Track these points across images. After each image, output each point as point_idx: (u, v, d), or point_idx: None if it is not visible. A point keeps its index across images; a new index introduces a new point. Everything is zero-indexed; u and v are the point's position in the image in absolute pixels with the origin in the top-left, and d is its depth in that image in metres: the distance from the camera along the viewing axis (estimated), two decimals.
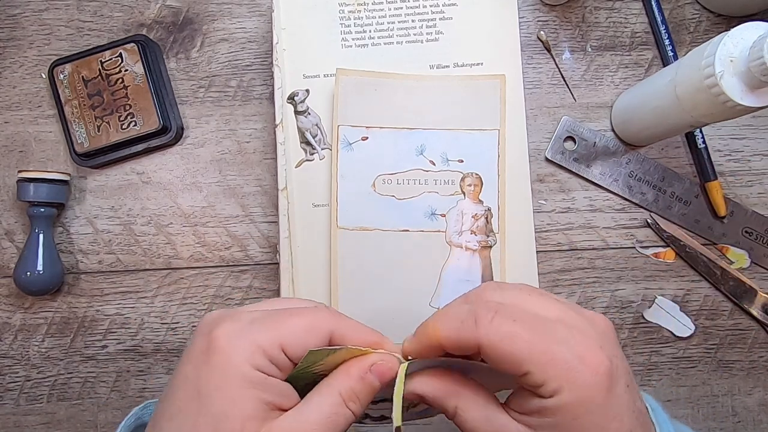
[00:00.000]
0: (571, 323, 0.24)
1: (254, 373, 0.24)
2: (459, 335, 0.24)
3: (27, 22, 0.45)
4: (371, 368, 0.26)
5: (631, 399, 0.24)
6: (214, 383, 0.24)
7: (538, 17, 0.45)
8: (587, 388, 0.23)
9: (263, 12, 0.45)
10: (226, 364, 0.24)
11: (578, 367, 0.23)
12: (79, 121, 0.43)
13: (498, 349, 0.23)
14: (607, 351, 0.24)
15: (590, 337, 0.24)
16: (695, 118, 0.35)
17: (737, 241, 0.43)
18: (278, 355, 0.25)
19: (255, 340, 0.24)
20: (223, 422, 0.24)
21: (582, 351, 0.23)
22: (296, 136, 0.42)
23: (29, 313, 0.44)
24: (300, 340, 0.25)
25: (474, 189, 0.41)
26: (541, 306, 0.25)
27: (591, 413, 0.23)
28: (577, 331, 0.24)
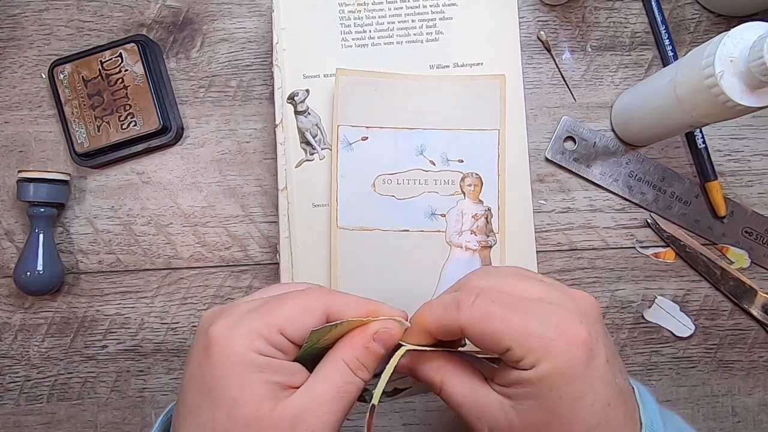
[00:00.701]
0: (552, 300, 0.26)
1: (258, 358, 0.25)
2: (443, 321, 0.26)
3: (27, 22, 0.45)
4: (374, 336, 0.27)
5: (611, 373, 0.25)
6: (219, 375, 0.25)
7: (538, 17, 0.45)
8: (564, 359, 0.24)
9: (263, 12, 0.45)
10: (228, 355, 0.25)
11: (555, 339, 0.24)
12: (79, 121, 0.43)
13: (477, 329, 0.25)
14: (586, 325, 0.24)
15: (570, 312, 0.25)
16: (695, 118, 0.35)
17: (737, 241, 0.43)
18: (278, 339, 0.25)
19: (252, 328, 0.25)
20: (236, 409, 0.24)
21: (559, 324, 0.24)
22: (296, 136, 0.42)
23: (29, 313, 0.44)
24: (297, 322, 0.26)
25: (474, 189, 0.41)
26: (523, 287, 0.26)
27: (567, 384, 0.24)
28: (556, 307, 0.25)
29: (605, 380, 0.24)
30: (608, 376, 0.24)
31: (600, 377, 0.24)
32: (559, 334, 0.24)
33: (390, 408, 0.43)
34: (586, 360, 0.24)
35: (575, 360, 0.24)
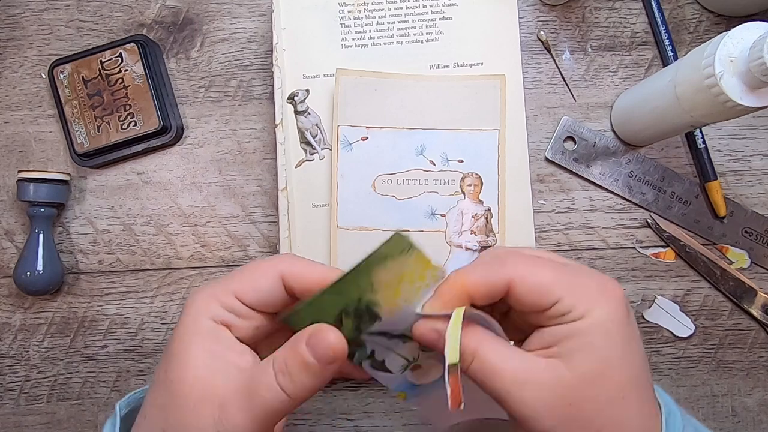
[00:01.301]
0: (582, 267, 0.26)
1: (206, 322, 0.26)
2: (488, 277, 0.25)
3: (27, 22, 0.45)
4: (307, 341, 0.24)
5: (638, 329, 0.26)
6: (175, 333, 0.26)
7: (538, 17, 0.45)
8: (614, 307, 0.24)
9: (263, 12, 0.45)
10: (185, 317, 0.26)
11: (601, 291, 0.25)
12: (79, 121, 0.43)
13: (528, 280, 0.24)
14: (613, 279, 0.26)
15: (600, 274, 0.26)
16: (695, 118, 0.35)
17: (737, 241, 0.43)
18: (233, 303, 0.26)
19: (210, 293, 0.26)
20: (171, 365, 0.25)
21: (599, 279, 0.25)
22: (296, 136, 0.42)
23: (29, 313, 0.44)
24: (250, 286, 0.26)
25: (474, 189, 0.41)
26: (551, 256, 0.27)
27: (617, 329, 0.24)
28: (590, 270, 0.26)
29: (638, 333, 0.25)
30: (638, 330, 0.26)
31: (636, 329, 0.25)
32: (602, 285, 0.25)
33: (390, 408, 0.43)
34: (624, 310, 0.25)
35: (621, 310, 0.24)
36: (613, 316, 0.24)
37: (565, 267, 0.25)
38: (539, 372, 0.24)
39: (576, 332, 0.24)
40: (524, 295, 0.24)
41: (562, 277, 0.25)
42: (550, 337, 0.25)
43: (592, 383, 0.24)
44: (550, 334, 0.25)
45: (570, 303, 0.24)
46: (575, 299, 0.24)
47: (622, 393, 0.24)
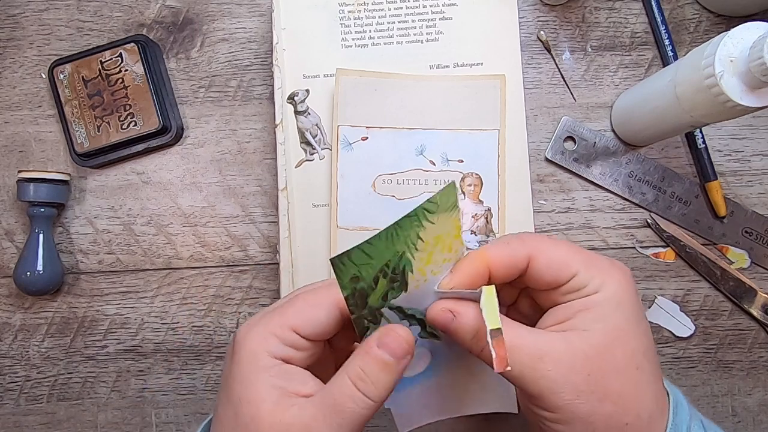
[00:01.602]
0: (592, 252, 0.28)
1: (267, 360, 0.25)
2: (510, 252, 0.26)
3: (27, 22, 0.45)
4: (378, 342, 0.25)
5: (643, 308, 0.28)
6: (234, 373, 0.26)
7: (538, 17, 0.45)
8: (625, 282, 0.26)
9: (263, 12, 0.45)
10: (243, 355, 0.25)
11: (613, 267, 0.26)
12: (79, 121, 0.43)
13: (547, 255, 0.26)
14: None
15: (607, 257, 0.27)
16: (695, 118, 0.35)
17: (737, 241, 0.43)
18: (292, 337, 0.26)
19: (266, 328, 0.26)
20: (240, 407, 0.25)
21: (609, 259, 0.27)
22: (296, 136, 0.42)
23: (29, 313, 0.44)
24: (308, 318, 0.26)
25: (474, 189, 0.41)
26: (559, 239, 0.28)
27: (631, 302, 0.26)
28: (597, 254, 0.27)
29: (644, 312, 0.27)
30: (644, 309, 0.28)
31: (642, 307, 0.27)
32: (612, 264, 0.26)
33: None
34: (634, 287, 0.26)
35: (630, 285, 0.26)
36: (624, 289, 0.25)
37: (576, 247, 0.27)
38: (556, 345, 0.24)
39: (590, 305, 0.25)
40: (544, 269, 0.26)
41: (578, 254, 0.26)
42: (565, 312, 0.26)
43: (608, 352, 0.24)
44: (564, 310, 0.26)
45: (586, 277, 0.25)
46: (591, 273, 0.25)
47: (636, 362, 0.25)
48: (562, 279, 0.26)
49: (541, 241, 0.26)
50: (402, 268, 0.25)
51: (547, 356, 0.24)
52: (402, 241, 0.24)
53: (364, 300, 0.25)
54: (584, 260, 0.26)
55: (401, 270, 0.25)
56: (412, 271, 0.25)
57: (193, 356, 0.44)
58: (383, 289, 0.25)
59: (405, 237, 0.24)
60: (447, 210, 0.24)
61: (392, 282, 0.25)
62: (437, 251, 0.25)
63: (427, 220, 0.24)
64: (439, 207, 0.24)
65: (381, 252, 0.24)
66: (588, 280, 0.25)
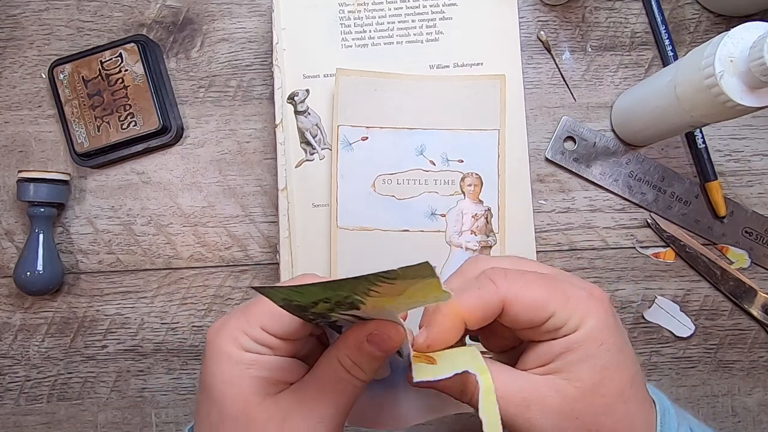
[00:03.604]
0: (564, 275, 0.27)
1: (243, 354, 0.26)
2: (482, 301, 0.25)
3: (27, 22, 0.45)
4: (368, 338, 0.25)
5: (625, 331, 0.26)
6: (212, 372, 0.26)
7: (538, 17, 0.45)
8: (603, 314, 0.25)
9: (263, 12, 0.45)
10: (217, 354, 0.26)
11: (591, 299, 0.25)
12: (79, 121, 0.43)
13: (523, 298, 0.24)
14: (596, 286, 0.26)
15: (582, 280, 0.26)
16: (695, 118, 0.35)
17: (737, 241, 0.43)
18: (260, 335, 0.26)
19: (236, 326, 0.26)
20: (225, 405, 0.25)
21: (585, 286, 0.26)
22: (296, 136, 0.42)
23: (29, 313, 0.44)
24: (273, 316, 0.26)
25: (474, 189, 0.41)
26: (534, 267, 0.27)
27: (611, 336, 0.24)
28: (568, 276, 0.27)
29: (626, 335, 0.26)
30: (626, 332, 0.26)
31: (624, 332, 0.26)
32: (589, 294, 0.25)
33: None
34: (613, 314, 0.25)
35: (609, 313, 0.25)
36: (604, 324, 0.24)
37: (553, 280, 0.25)
38: (542, 391, 0.24)
39: (572, 345, 0.24)
40: (519, 313, 0.25)
41: (555, 292, 0.25)
42: (547, 353, 0.25)
43: (594, 393, 0.24)
44: (546, 351, 0.25)
45: (564, 316, 0.24)
46: (568, 312, 0.24)
47: (623, 396, 0.24)
48: (538, 321, 0.24)
49: (514, 283, 0.25)
50: (350, 301, 0.24)
51: (534, 404, 0.24)
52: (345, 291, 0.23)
53: (307, 310, 0.24)
54: (560, 298, 0.24)
55: (348, 302, 0.24)
56: (365, 305, 0.24)
57: (193, 356, 0.44)
58: (327, 306, 0.24)
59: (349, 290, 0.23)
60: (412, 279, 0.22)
61: (337, 304, 0.24)
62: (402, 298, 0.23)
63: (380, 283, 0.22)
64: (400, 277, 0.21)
65: (315, 294, 0.23)
66: (566, 318, 0.24)
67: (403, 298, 0.23)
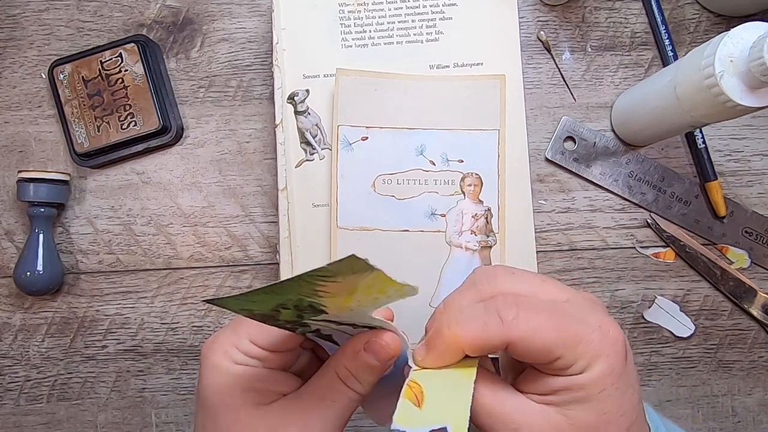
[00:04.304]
0: (579, 302, 0.25)
1: (234, 367, 0.26)
2: (485, 337, 0.24)
3: (27, 22, 0.45)
4: (365, 346, 0.26)
5: (635, 370, 0.25)
6: (205, 385, 0.27)
7: (538, 17, 0.45)
8: (612, 359, 0.23)
9: (263, 12, 0.45)
10: (210, 367, 0.27)
11: (602, 341, 0.23)
12: (79, 121, 0.43)
13: (530, 342, 0.23)
14: (614, 322, 0.25)
15: (598, 311, 0.25)
16: (695, 118, 0.35)
17: (737, 241, 0.43)
18: (249, 347, 0.26)
19: (226, 339, 0.27)
20: (218, 415, 0.26)
21: (601, 325, 0.24)
22: (296, 136, 0.42)
23: (29, 313, 0.44)
24: (262, 329, 0.26)
25: (474, 189, 0.41)
26: (550, 291, 0.25)
27: (615, 382, 0.23)
28: (587, 308, 0.25)
29: (635, 376, 0.25)
30: (635, 372, 0.25)
31: (634, 373, 0.25)
32: (603, 335, 0.24)
33: None
34: (624, 358, 0.24)
35: (620, 357, 0.24)
36: (612, 370, 0.23)
37: (567, 319, 0.24)
38: (535, 418, 0.24)
39: (576, 386, 0.23)
40: (524, 354, 0.24)
41: (566, 336, 0.23)
42: (548, 385, 0.24)
43: None
44: (547, 383, 0.24)
45: (571, 359, 0.23)
46: (576, 355, 0.23)
47: None
48: (543, 362, 0.24)
49: (524, 323, 0.23)
50: (308, 304, 0.23)
51: (523, 428, 0.23)
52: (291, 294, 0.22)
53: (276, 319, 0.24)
54: (571, 342, 0.23)
55: (306, 305, 0.23)
56: (325, 306, 0.23)
57: (193, 356, 0.44)
58: (292, 313, 0.24)
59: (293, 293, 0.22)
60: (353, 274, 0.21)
61: (300, 310, 0.23)
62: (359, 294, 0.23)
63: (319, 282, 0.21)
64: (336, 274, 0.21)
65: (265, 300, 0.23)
66: (573, 361, 0.23)
67: (360, 296, 0.23)
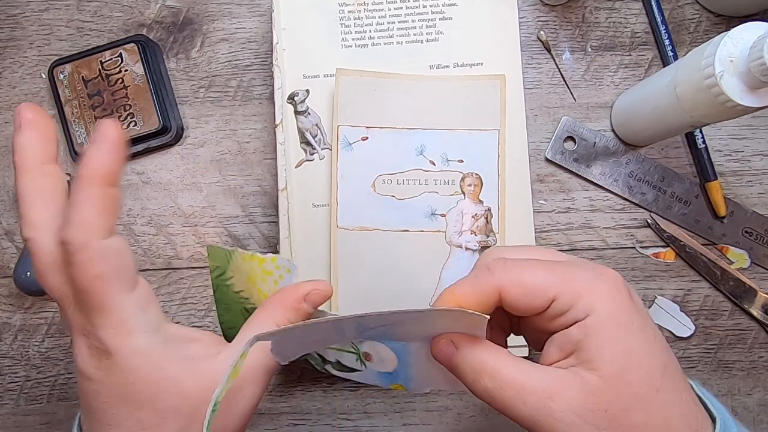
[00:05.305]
0: (575, 260, 0.25)
1: None
2: (477, 287, 0.24)
3: (27, 22, 0.45)
4: (306, 297, 0.27)
5: (648, 313, 0.24)
6: None
7: (538, 17, 0.45)
8: (618, 295, 0.23)
9: (263, 12, 0.45)
10: None
11: (600, 279, 0.23)
12: (79, 121, 0.43)
13: (517, 285, 0.23)
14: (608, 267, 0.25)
15: (595, 263, 0.25)
16: (695, 118, 0.35)
17: (737, 241, 0.43)
18: None
19: None
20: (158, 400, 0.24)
21: (595, 267, 0.24)
22: (296, 136, 0.42)
23: (29, 313, 0.44)
24: None
25: (474, 189, 0.41)
26: (546, 254, 0.26)
27: (631, 315, 0.23)
28: (582, 261, 0.25)
29: (650, 318, 0.24)
30: (648, 315, 0.24)
31: (645, 313, 0.24)
32: (597, 274, 0.23)
33: (390, 408, 0.43)
34: (628, 293, 0.23)
35: (623, 293, 0.23)
36: (619, 305, 0.23)
37: (556, 264, 0.24)
38: (564, 382, 0.22)
39: (589, 331, 0.22)
40: (516, 300, 0.24)
41: (553, 275, 0.23)
42: (566, 342, 0.23)
43: (622, 381, 0.22)
44: (564, 340, 0.23)
45: (568, 299, 0.23)
46: (573, 295, 0.23)
47: (655, 385, 0.22)
48: (540, 306, 0.23)
49: (510, 269, 0.24)
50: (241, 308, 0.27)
51: (557, 395, 0.22)
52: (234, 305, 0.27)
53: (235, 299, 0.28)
54: (562, 281, 0.23)
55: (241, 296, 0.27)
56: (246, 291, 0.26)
57: None
58: None
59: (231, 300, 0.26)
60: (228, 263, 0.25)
61: None
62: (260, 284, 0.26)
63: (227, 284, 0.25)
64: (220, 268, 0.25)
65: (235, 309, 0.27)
66: (571, 302, 0.23)
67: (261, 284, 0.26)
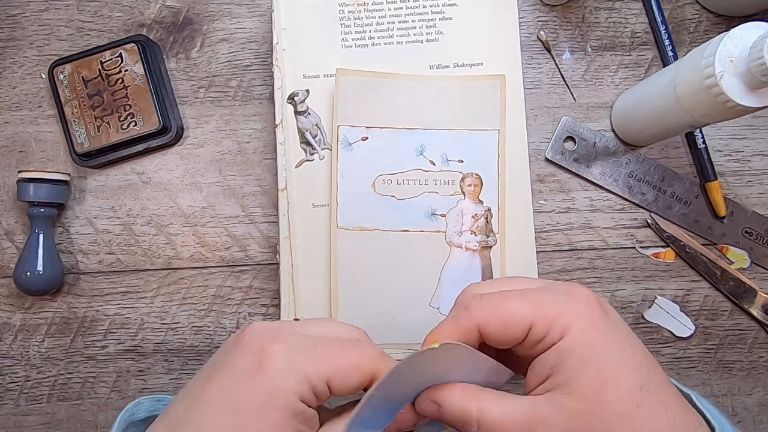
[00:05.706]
0: (548, 284, 0.26)
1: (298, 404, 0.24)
2: (457, 327, 0.25)
3: (27, 22, 0.45)
4: None
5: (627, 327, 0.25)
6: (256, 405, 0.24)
7: (538, 17, 0.45)
8: (588, 314, 0.23)
9: (263, 12, 0.45)
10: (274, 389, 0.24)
11: (571, 301, 0.24)
12: (79, 121, 0.43)
13: (495, 318, 0.24)
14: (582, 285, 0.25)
15: (566, 284, 0.26)
16: (695, 118, 0.35)
17: (737, 241, 0.43)
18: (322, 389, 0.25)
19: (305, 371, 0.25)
20: (249, 425, 0.24)
21: (567, 289, 0.25)
22: (296, 136, 0.42)
23: (29, 313, 0.44)
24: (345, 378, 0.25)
25: (474, 189, 0.41)
26: (521, 284, 0.26)
27: (604, 334, 0.23)
28: (555, 284, 0.26)
29: (630, 332, 0.24)
30: (626, 325, 0.24)
31: (624, 327, 0.24)
32: (569, 295, 0.24)
33: None
34: (600, 310, 0.24)
35: (595, 311, 0.24)
36: (590, 324, 0.23)
37: (530, 292, 0.25)
38: (544, 411, 0.23)
39: (562, 355, 0.23)
40: (496, 333, 0.24)
41: (528, 304, 0.24)
42: (542, 369, 0.24)
43: (600, 401, 0.22)
44: (541, 367, 0.24)
45: (543, 326, 0.23)
46: (548, 321, 0.23)
47: (635, 401, 0.22)
48: (518, 336, 0.24)
49: (488, 304, 0.24)
50: None
51: (540, 425, 0.23)
52: None
53: None
54: (536, 308, 0.24)
55: None
56: None
57: (193, 356, 0.44)
58: None
59: None
60: None
61: None
62: None
63: None
64: None
65: None
66: (547, 327, 0.23)
67: None
